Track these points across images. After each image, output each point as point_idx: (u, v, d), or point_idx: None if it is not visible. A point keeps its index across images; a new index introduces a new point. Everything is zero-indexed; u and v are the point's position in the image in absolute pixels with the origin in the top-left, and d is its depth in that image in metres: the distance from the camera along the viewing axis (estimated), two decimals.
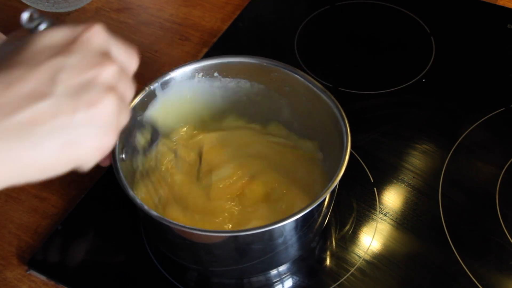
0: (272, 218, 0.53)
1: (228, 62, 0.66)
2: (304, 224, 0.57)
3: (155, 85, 0.63)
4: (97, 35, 0.40)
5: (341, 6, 0.95)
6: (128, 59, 0.43)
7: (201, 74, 0.66)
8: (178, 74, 0.65)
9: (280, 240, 0.56)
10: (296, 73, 0.64)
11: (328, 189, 0.54)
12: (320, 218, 0.60)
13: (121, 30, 0.92)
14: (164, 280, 0.64)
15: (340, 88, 0.82)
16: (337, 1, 0.95)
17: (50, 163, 0.38)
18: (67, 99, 0.37)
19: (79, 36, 0.39)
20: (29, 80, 0.36)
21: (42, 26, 0.41)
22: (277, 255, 0.59)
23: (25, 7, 0.93)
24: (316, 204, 0.53)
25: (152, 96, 0.63)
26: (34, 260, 0.65)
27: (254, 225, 0.58)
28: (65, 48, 0.38)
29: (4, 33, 0.73)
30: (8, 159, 0.36)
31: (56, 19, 0.43)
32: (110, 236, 0.68)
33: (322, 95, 0.62)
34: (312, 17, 0.93)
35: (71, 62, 0.38)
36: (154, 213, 0.53)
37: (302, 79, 0.63)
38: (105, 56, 0.40)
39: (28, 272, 0.65)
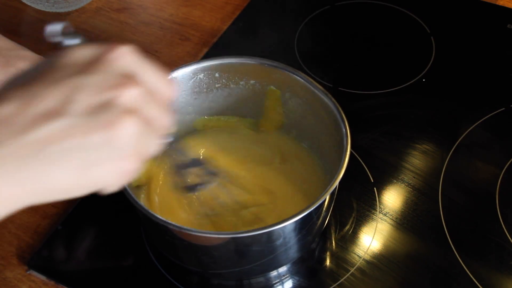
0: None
1: (230, 63, 0.66)
2: (303, 226, 0.56)
3: None
4: (124, 56, 0.38)
5: (341, 6, 0.95)
6: (160, 85, 0.40)
7: (202, 74, 0.66)
8: (179, 74, 0.65)
9: (279, 242, 0.56)
10: (297, 75, 0.64)
11: (327, 191, 0.54)
12: (320, 220, 0.60)
13: (121, 30, 0.92)
14: (164, 279, 0.64)
15: (340, 88, 0.82)
16: (337, 1, 0.95)
17: (66, 185, 0.36)
18: (83, 120, 0.35)
19: (104, 55, 0.37)
20: (46, 98, 0.35)
21: (71, 42, 0.40)
22: (277, 257, 0.59)
23: (25, 7, 0.94)
24: (315, 206, 0.53)
25: None
26: (34, 260, 0.65)
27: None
28: (87, 67, 0.37)
29: (4, 33, 0.73)
30: (21, 180, 0.34)
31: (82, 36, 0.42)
32: (110, 236, 0.68)
33: (322, 96, 0.62)
34: (312, 17, 0.93)
35: (91, 82, 0.36)
36: (152, 213, 0.53)
37: (302, 81, 0.63)
38: (128, 77, 0.37)
39: (28, 272, 0.65)
